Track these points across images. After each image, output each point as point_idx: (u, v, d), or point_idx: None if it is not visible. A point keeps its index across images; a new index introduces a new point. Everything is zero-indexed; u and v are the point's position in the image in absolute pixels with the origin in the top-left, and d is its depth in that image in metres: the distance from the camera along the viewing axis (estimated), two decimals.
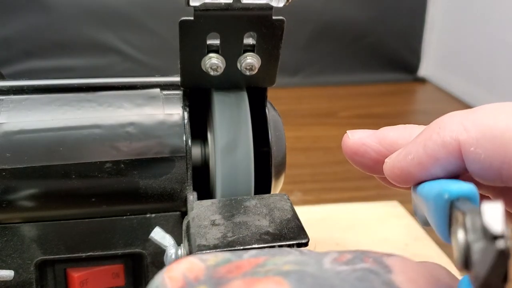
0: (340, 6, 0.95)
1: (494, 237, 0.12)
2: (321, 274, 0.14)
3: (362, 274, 0.14)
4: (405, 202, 0.49)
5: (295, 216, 0.22)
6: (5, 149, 0.24)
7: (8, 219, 0.25)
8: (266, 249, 0.17)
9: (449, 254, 0.42)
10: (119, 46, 0.88)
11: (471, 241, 0.13)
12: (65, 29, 0.85)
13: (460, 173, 0.18)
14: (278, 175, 0.28)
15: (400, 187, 0.20)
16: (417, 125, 0.21)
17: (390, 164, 0.19)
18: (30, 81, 0.27)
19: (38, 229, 0.25)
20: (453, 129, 0.18)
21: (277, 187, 0.28)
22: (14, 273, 0.25)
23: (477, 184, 0.18)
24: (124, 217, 0.26)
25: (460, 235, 0.13)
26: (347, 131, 0.21)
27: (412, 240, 0.44)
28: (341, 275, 0.14)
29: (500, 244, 0.12)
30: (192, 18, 0.22)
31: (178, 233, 0.25)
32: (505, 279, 0.12)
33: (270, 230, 0.21)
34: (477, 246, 0.12)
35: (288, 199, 0.24)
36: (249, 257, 0.15)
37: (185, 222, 0.24)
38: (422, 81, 0.99)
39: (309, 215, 0.44)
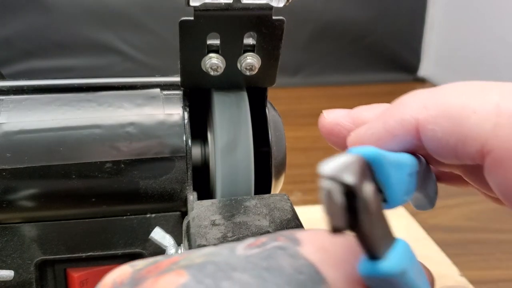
0: (340, 6, 0.95)
1: (342, 184, 0.13)
2: (229, 260, 0.14)
3: (269, 253, 0.15)
4: None
5: (295, 216, 0.22)
6: (5, 149, 0.24)
7: (8, 219, 0.25)
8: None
9: (449, 254, 0.42)
10: (119, 46, 0.89)
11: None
12: (65, 29, 0.85)
13: (416, 150, 0.19)
14: (278, 175, 0.28)
15: None
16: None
17: (352, 138, 0.20)
18: (30, 81, 0.27)
19: (38, 229, 0.25)
20: (413, 107, 0.18)
21: (277, 187, 0.28)
22: (14, 273, 0.25)
23: (439, 162, 0.19)
24: (124, 217, 0.26)
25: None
26: (323, 111, 0.22)
27: (412, 240, 0.43)
28: (250, 258, 0.14)
29: (324, 183, 0.12)
30: (192, 18, 0.22)
31: (178, 233, 0.25)
32: (352, 224, 0.13)
33: (270, 230, 0.21)
34: (320, 189, 0.13)
35: (288, 199, 0.24)
36: (166, 259, 0.15)
37: (185, 222, 0.24)
38: (422, 81, 0.99)
39: (309, 215, 0.44)
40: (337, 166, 0.13)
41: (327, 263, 0.15)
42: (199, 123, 0.27)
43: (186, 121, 0.26)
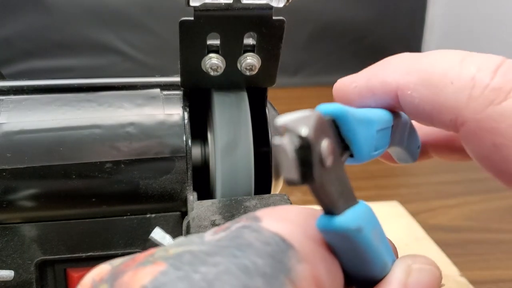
0: (340, 6, 0.95)
1: (296, 136, 0.13)
2: (201, 247, 0.15)
3: (235, 233, 0.15)
4: (405, 202, 0.49)
5: None
6: (5, 149, 0.24)
7: (8, 219, 0.25)
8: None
9: (449, 254, 0.42)
10: (120, 46, 0.89)
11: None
12: (65, 29, 0.85)
13: (394, 108, 0.20)
14: (278, 176, 0.28)
15: None
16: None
17: (337, 86, 0.21)
18: (30, 81, 0.27)
19: (38, 229, 0.25)
20: (396, 70, 0.19)
21: (277, 187, 0.28)
22: (14, 273, 0.25)
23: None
24: (124, 217, 0.26)
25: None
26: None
27: (412, 240, 0.44)
28: (219, 242, 0.15)
29: (275, 140, 0.13)
30: (192, 18, 0.22)
31: (178, 233, 0.25)
32: (307, 177, 0.13)
33: None
34: (274, 141, 0.13)
35: (288, 199, 0.24)
36: (142, 252, 0.16)
37: (185, 222, 0.24)
38: None
39: None
40: (292, 119, 0.13)
41: (289, 229, 0.15)
42: (199, 123, 0.27)
43: (186, 121, 0.26)
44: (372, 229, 0.16)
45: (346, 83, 0.20)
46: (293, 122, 0.13)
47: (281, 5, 0.22)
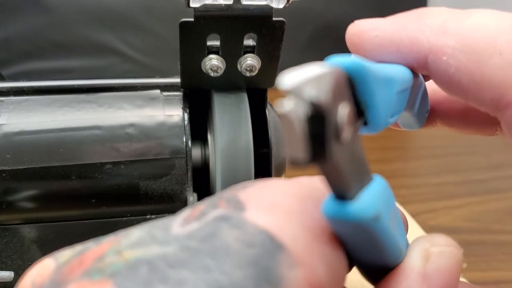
0: (340, 7, 0.95)
1: (306, 102, 0.10)
2: (164, 249, 0.11)
3: (211, 229, 0.12)
4: (406, 203, 0.49)
5: None
6: (5, 150, 0.24)
7: (8, 220, 0.25)
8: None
9: None
10: (119, 48, 0.89)
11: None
12: (65, 30, 0.85)
13: (418, 71, 0.17)
14: (278, 176, 0.28)
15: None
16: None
17: (353, 30, 0.17)
18: (30, 82, 0.27)
19: (38, 230, 0.25)
20: (432, 27, 0.15)
21: None
22: (14, 274, 0.25)
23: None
24: (124, 218, 0.26)
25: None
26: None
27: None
28: (188, 241, 0.12)
29: (285, 101, 0.10)
30: (192, 19, 0.22)
31: None
32: (317, 155, 0.10)
33: None
34: (279, 108, 0.10)
35: None
36: (99, 244, 0.13)
37: None
38: None
39: None
40: (302, 79, 0.10)
41: (281, 222, 0.12)
42: (199, 124, 0.27)
43: (186, 122, 0.26)
44: (389, 213, 0.13)
45: (365, 29, 0.16)
46: (302, 83, 0.10)
47: (281, 6, 0.22)
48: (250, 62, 0.24)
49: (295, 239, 0.12)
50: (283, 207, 0.13)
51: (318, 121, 0.10)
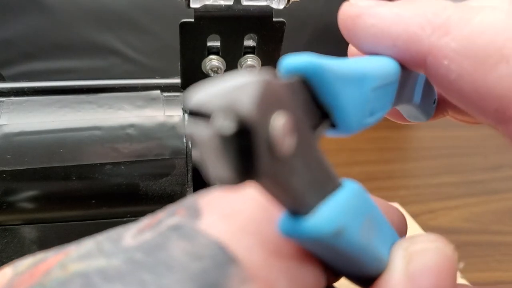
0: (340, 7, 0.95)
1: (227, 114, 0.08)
2: (109, 262, 0.11)
3: (160, 239, 0.11)
4: (405, 203, 0.49)
5: None
6: (6, 151, 0.24)
7: (9, 221, 0.25)
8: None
9: None
10: (120, 48, 0.89)
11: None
12: (65, 31, 0.85)
13: (415, 69, 0.15)
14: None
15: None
16: None
17: (348, 12, 0.15)
18: (31, 83, 0.27)
19: (39, 231, 0.25)
20: (435, 23, 0.13)
21: None
22: None
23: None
24: (124, 219, 0.26)
25: None
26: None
27: None
28: (136, 252, 0.11)
29: (189, 124, 0.09)
30: (192, 20, 0.22)
31: None
32: (245, 171, 0.09)
33: None
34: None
35: None
36: (56, 255, 0.12)
37: None
38: None
39: None
40: (215, 92, 0.08)
41: (237, 232, 0.11)
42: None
43: (186, 122, 0.26)
44: (361, 223, 0.12)
45: (362, 14, 0.14)
46: (217, 98, 0.08)
47: (281, 6, 0.22)
48: (250, 62, 0.24)
49: (250, 251, 0.11)
50: (243, 215, 0.11)
51: (242, 138, 0.08)
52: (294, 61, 0.11)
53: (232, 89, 0.08)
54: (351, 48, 0.17)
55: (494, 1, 0.14)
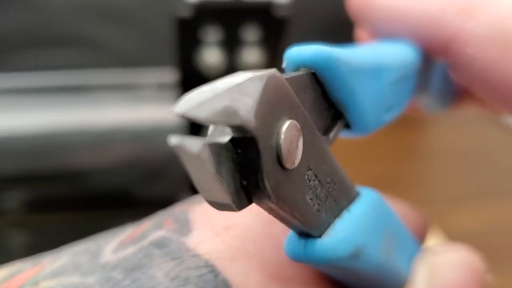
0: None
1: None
2: (83, 281, 0.09)
3: (141, 258, 0.10)
4: (423, 204, 0.47)
5: None
6: None
7: None
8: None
9: None
10: (113, 44, 0.88)
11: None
12: (53, 24, 0.84)
13: (434, 56, 0.14)
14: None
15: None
16: None
17: None
18: (17, 80, 0.26)
19: (28, 236, 0.25)
20: (458, 6, 0.12)
21: None
22: None
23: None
24: (118, 223, 0.25)
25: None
26: None
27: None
28: (115, 270, 0.09)
29: (172, 140, 0.07)
30: (190, 14, 0.22)
31: None
32: (248, 193, 0.07)
33: None
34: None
35: None
36: (32, 267, 0.11)
37: None
38: None
39: None
40: (208, 96, 0.07)
41: (231, 252, 0.09)
42: (197, 124, 0.27)
43: (182, 123, 0.25)
44: (381, 239, 0.10)
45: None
46: (210, 102, 0.07)
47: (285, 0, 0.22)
48: (251, 56, 0.24)
49: (246, 275, 0.09)
50: (240, 230, 0.10)
51: (246, 151, 0.07)
52: (301, 51, 0.09)
53: (229, 90, 0.07)
54: (359, 32, 0.15)
55: None
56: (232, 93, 0.07)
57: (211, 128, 0.07)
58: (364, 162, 0.55)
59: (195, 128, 0.26)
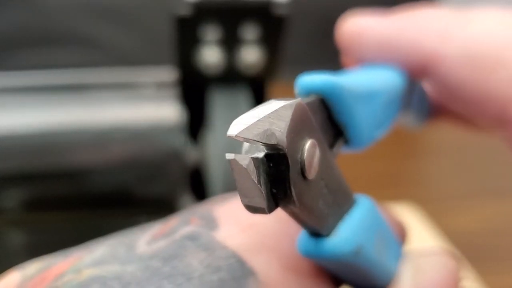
0: (345, 0, 0.93)
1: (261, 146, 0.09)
2: (124, 268, 0.11)
3: (176, 248, 0.11)
4: (422, 202, 0.47)
5: None
6: None
7: None
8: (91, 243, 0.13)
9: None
10: (112, 43, 0.87)
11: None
12: (53, 23, 0.84)
13: (415, 77, 0.15)
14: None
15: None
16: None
17: (350, 29, 0.15)
18: (16, 78, 0.26)
19: (27, 235, 0.25)
20: (435, 31, 0.14)
21: None
22: None
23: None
24: (117, 221, 0.25)
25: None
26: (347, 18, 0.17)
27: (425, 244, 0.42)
28: (150, 261, 0.11)
29: (228, 155, 0.09)
30: (189, 12, 0.22)
31: None
32: (277, 199, 0.09)
33: None
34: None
35: None
36: (65, 258, 0.12)
37: None
38: None
39: None
40: (251, 121, 0.09)
41: (255, 246, 0.11)
42: (196, 124, 0.26)
43: (182, 122, 0.25)
44: (375, 239, 0.12)
45: (363, 29, 0.15)
46: (252, 127, 0.09)
47: None
48: (250, 55, 0.23)
49: (267, 266, 0.11)
50: (261, 228, 0.11)
51: (277, 164, 0.09)
52: (312, 80, 0.11)
53: (268, 116, 0.09)
54: (345, 59, 0.17)
55: (489, 11, 0.14)
56: (270, 118, 0.09)
57: (246, 145, 0.09)
58: (366, 160, 0.54)
59: (193, 128, 0.26)
